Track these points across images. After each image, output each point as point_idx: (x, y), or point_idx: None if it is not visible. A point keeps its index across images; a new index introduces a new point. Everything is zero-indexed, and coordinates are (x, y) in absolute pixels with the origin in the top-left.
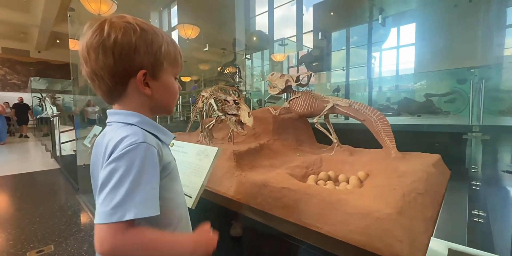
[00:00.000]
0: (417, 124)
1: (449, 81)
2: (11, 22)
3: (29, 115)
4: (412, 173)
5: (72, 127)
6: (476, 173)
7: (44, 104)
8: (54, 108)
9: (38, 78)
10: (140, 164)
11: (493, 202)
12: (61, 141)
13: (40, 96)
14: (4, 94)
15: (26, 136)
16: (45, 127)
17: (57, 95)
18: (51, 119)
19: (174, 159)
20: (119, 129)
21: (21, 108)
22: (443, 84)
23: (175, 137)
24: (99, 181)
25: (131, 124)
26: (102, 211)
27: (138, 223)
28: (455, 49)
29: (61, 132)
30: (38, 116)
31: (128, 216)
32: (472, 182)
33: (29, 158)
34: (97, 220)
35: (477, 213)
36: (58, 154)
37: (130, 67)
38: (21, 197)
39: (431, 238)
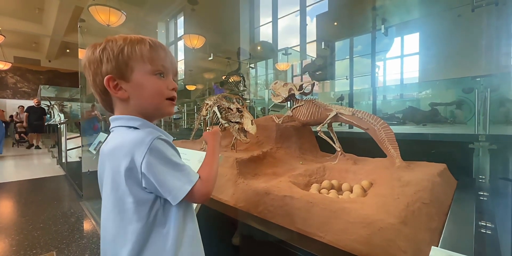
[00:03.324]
0: (422, 133)
1: (454, 90)
2: (24, 32)
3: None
4: (416, 183)
5: (79, 134)
6: (484, 183)
7: (52, 112)
8: (62, 116)
9: (47, 86)
10: (165, 153)
11: (501, 213)
12: (67, 148)
13: (49, 104)
14: (16, 101)
15: (38, 147)
16: (54, 136)
17: (65, 103)
18: (59, 126)
19: None
20: (125, 133)
21: (36, 113)
22: (449, 93)
23: (174, 139)
24: (153, 180)
25: (135, 128)
26: (174, 193)
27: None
28: (460, 58)
29: (68, 139)
30: (46, 123)
31: (192, 181)
32: (479, 193)
33: (35, 164)
34: (177, 198)
35: (485, 224)
36: (64, 160)
37: (101, 77)
38: (26, 203)
39: (432, 247)
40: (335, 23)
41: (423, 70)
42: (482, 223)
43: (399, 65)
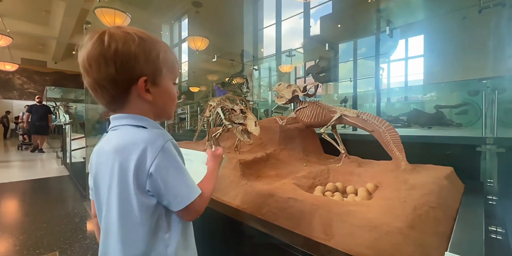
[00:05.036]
0: (427, 135)
1: (460, 92)
2: (31, 35)
3: (49, 122)
4: (423, 186)
5: (83, 135)
6: (492, 187)
7: (57, 112)
8: (67, 116)
9: (53, 87)
10: (177, 158)
11: None
12: (72, 149)
13: (54, 105)
14: (23, 102)
15: (41, 150)
16: (60, 137)
17: (70, 104)
18: (64, 127)
19: None
20: (135, 131)
21: (38, 112)
22: (454, 95)
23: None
24: (161, 182)
25: (143, 127)
26: (179, 199)
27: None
28: (466, 60)
29: (72, 139)
30: (52, 124)
31: (198, 191)
32: (488, 197)
33: (40, 164)
34: (181, 204)
35: (495, 229)
36: (68, 161)
37: (131, 75)
38: (30, 203)
39: (446, 252)
40: (339, 25)
41: (428, 73)
42: (492, 228)
43: (404, 67)
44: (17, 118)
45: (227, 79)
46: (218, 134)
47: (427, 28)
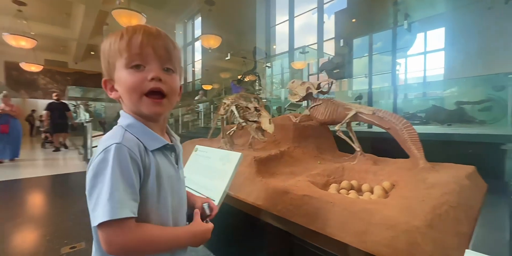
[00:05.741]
0: (447, 133)
1: (483, 87)
2: (53, 36)
3: (68, 119)
4: (442, 185)
5: (102, 132)
6: None
7: (78, 111)
8: (87, 115)
9: (74, 87)
10: (108, 169)
11: None
12: (92, 145)
13: (75, 104)
14: (47, 101)
15: (65, 146)
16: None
17: (89, 103)
18: (84, 125)
19: (176, 169)
20: (109, 131)
21: (57, 110)
22: (477, 91)
23: (169, 144)
24: (87, 187)
25: (120, 126)
26: (95, 213)
27: (141, 221)
28: (490, 53)
29: (93, 136)
30: (75, 121)
31: (100, 219)
32: None
33: (63, 160)
34: (95, 220)
35: None
36: (89, 157)
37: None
38: (56, 197)
39: (466, 250)
40: (354, 20)
41: (449, 67)
42: None
43: (422, 62)
44: (41, 116)
45: (239, 77)
46: (232, 131)
47: (448, 20)
